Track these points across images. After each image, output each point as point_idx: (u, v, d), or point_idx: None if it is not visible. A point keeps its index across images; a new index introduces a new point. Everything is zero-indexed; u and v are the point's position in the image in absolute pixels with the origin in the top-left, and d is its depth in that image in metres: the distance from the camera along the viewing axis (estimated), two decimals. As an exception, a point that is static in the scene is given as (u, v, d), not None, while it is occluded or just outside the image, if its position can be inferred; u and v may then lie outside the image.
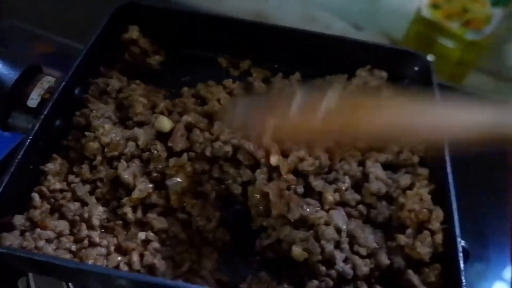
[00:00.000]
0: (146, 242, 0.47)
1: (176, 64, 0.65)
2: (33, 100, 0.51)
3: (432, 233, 0.47)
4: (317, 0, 0.96)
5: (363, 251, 0.47)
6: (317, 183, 0.51)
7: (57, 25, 0.84)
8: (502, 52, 0.94)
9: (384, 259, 0.47)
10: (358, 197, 0.52)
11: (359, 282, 0.46)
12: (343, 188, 0.51)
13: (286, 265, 0.48)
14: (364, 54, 0.61)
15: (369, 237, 0.48)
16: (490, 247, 0.61)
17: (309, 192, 0.52)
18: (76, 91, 0.56)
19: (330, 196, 0.50)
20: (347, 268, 0.46)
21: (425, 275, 0.46)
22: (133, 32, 0.61)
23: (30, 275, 0.56)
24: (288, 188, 0.50)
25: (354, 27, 0.94)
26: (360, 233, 0.48)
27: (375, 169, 0.53)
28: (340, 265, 0.46)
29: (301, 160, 0.52)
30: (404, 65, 0.61)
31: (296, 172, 0.52)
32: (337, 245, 0.47)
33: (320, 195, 0.51)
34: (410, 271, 0.46)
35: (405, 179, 0.52)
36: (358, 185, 0.53)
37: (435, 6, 0.84)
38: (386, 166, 0.54)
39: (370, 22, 0.95)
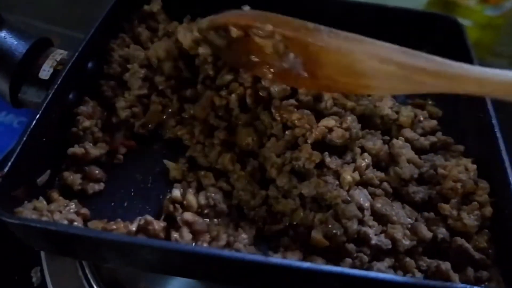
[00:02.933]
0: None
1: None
2: (45, 71, 0.48)
3: (480, 205, 0.43)
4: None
5: (399, 228, 0.42)
6: (331, 160, 0.47)
7: (61, 18, 0.82)
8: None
9: (426, 232, 0.42)
10: (381, 174, 0.47)
11: (401, 255, 0.41)
12: (363, 165, 0.46)
13: (311, 250, 0.42)
14: (389, 19, 0.58)
15: (400, 213, 0.44)
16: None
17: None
18: (89, 65, 0.52)
19: (349, 176, 0.45)
20: (384, 239, 0.41)
21: (474, 241, 0.42)
22: (155, 5, 0.58)
23: (44, 263, 0.52)
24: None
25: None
26: (389, 210, 0.44)
27: (405, 150, 0.48)
28: (374, 239, 0.41)
29: (330, 130, 0.49)
30: (432, 30, 0.58)
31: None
32: (361, 224, 0.42)
33: (338, 175, 0.46)
34: (459, 238, 0.42)
35: (439, 158, 0.48)
36: (381, 165, 0.48)
37: (451, -18, 0.82)
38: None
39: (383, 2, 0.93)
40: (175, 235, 0.40)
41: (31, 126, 0.42)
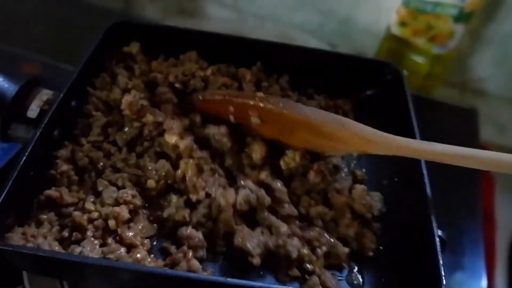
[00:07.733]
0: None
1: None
2: (33, 111, 0.54)
3: None
4: (294, 21, 1.03)
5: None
6: None
7: (44, 47, 0.87)
8: (466, 66, 1.02)
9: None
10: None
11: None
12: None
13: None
14: (338, 65, 0.66)
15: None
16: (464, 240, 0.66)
17: None
18: (73, 103, 0.58)
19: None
20: None
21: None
22: (134, 47, 0.64)
23: (26, 283, 0.57)
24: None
25: (329, 45, 1.00)
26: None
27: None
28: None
29: None
30: (376, 74, 0.66)
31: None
32: None
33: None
34: None
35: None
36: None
37: (403, 24, 0.92)
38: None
39: (344, 41, 1.03)
40: None
41: (21, 163, 0.48)
